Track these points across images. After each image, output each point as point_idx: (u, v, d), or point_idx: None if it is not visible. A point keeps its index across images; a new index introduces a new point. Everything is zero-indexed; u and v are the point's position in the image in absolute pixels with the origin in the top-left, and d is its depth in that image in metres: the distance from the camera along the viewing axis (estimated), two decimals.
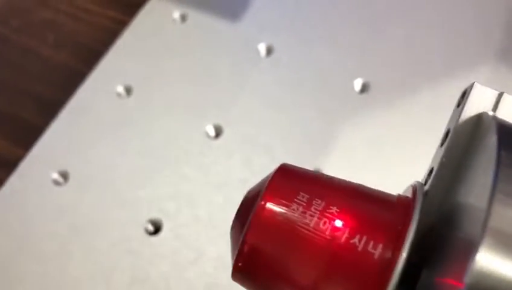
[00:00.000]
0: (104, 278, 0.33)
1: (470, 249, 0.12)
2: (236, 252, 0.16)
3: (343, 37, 0.43)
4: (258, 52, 0.42)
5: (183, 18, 0.44)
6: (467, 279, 0.12)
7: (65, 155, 0.38)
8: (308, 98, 0.40)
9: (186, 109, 0.39)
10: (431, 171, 0.18)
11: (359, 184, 0.17)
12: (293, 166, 0.18)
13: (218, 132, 0.38)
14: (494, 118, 0.15)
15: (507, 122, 0.15)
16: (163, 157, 0.37)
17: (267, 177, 0.17)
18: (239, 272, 0.16)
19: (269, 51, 0.42)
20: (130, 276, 0.33)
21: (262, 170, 0.32)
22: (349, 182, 0.17)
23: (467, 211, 0.14)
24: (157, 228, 0.35)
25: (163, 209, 0.35)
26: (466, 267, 0.12)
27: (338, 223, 0.15)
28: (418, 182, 0.17)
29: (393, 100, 0.40)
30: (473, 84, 0.17)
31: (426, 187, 0.18)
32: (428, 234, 0.17)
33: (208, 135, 0.38)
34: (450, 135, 0.17)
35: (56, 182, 0.37)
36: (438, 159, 0.18)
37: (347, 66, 0.41)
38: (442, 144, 0.18)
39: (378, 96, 0.40)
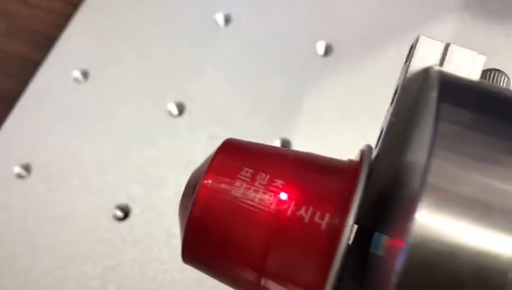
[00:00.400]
0: (77, 269, 0.32)
1: (411, 208, 0.12)
2: (183, 235, 0.15)
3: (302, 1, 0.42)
4: (216, 22, 0.41)
5: None
6: (409, 238, 0.11)
7: (26, 147, 0.37)
8: (272, 66, 0.39)
9: (147, 88, 0.38)
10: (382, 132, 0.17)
11: (308, 153, 0.17)
12: (237, 141, 0.17)
13: (181, 109, 0.37)
14: (439, 72, 0.14)
15: (452, 75, 0.15)
16: (127, 140, 0.36)
17: (211, 155, 0.16)
18: (188, 255, 0.16)
19: (227, 20, 0.41)
20: (102, 265, 0.32)
21: None
22: (297, 153, 0.17)
23: (410, 170, 0.14)
24: (126, 213, 0.34)
25: (130, 194, 0.34)
26: (407, 227, 0.11)
27: (283, 196, 0.15)
28: (368, 145, 0.17)
29: (358, 60, 0.39)
30: (418, 37, 0.16)
31: (377, 149, 0.17)
32: (380, 197, 0.17)
33: (170, 114, 0.37)
34: (398, 92, 0.17)
35: (19, 176, 0.36)
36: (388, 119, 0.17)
37: (308, 29, 0.40)
38: (392, 103, 0.17)
39: (343, 57, 0.39)
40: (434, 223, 0.11)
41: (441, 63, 0.16)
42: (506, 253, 0.11)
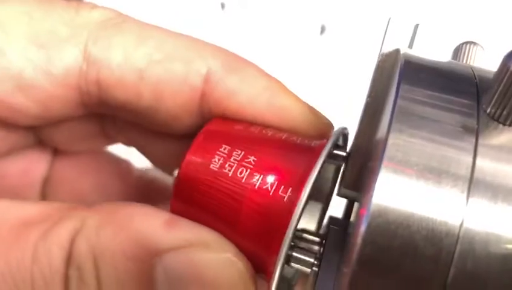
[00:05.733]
0: None
1: (372, 180, 0.13)
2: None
3: None
4: (213, 5, 0.42)
5: None
6: (369, 209, 0.12)
7: None
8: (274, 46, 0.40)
9: None
10: None
11: (285, 134, 0.18)
12: (222, 120, 0.19)
13: None
14: (404, 54, 0.15)
15: (415, 57, 0.16)
16: None
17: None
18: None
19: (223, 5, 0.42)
20: None
21: None
22: (274, 132, 0.18)
23: (377, 144, 0.15)
24: None
25: None
26: (368, 198, 0.13)
27: (253, 171, 0.16)
28: (341, 127, 0.18)
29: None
30: (389, 19, 0.17)
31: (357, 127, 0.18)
32: (361, 172, 0.18)
33: None
34: (373, 74, 0.18)
35: None
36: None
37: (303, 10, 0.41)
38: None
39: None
40: (390, 193, 0.12)
41: (411, 44, 0.17)
42: (454, 217, 0.12)
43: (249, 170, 0.17)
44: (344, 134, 0.19)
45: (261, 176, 0.16)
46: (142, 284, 0.16)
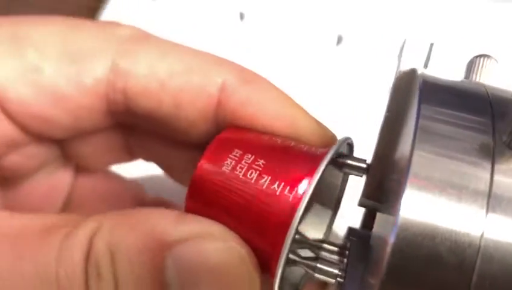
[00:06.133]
0: None
1: (399, 195, 0.14)
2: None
3: None
4: (231, 18, 0.43)
5: None
6: (396, 224, 0.13)
7: None
8: (288, 57, 0.41)
9: None
10: None
11: (293, 142, 0.20)
12: (235, 128, 0.21)
13: None
14: (421, 76, 0.17)
15: (432, 78, 0.17)
16: None
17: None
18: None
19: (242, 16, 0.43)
20: None
21: None
22: (283, 140, 0.20)
23: (400, 160, 0.16)
24: None
25: None
26: (396, 212, 0.14)
27: (262, 173, 0.18)
28: (344, 137, 0.20)
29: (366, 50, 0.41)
30: (404, 41, 0.18)
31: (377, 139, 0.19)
32: (381, 183, 0.19)
33: None
34: (390, 90, 0.19)
35: None
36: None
37: (319, 21, 0.42)
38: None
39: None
40: (416, 208, 0.13)
41: (426, 62, 0.18)
42: (475, 229, 0.13)
43: (258, 172, 0.18)
44: (348, 143, 0.20)
45: (269, 178, 0.18)
46: (154, 276, 0.17)
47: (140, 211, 0.19)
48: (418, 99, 0.15)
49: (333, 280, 0.19)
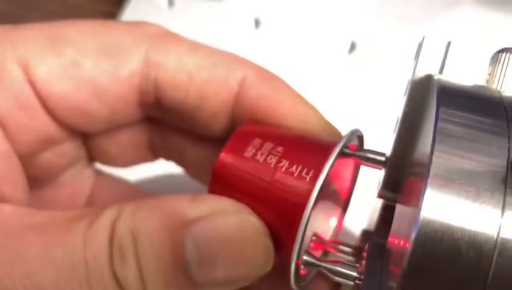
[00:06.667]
0: None
1: (420, 192, 0.15)
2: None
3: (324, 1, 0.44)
4: (246, 26, 0.44)
5: (171, 3, 0.46)
6: (418, 220, 0.14)
7: None
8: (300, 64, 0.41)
9: None
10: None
11: (306, 132, 0.22)
12: (254, 122, 0.23)
13: None
14: (437, 81, 0.18)
15: (448, 83, 0.18)
16: None
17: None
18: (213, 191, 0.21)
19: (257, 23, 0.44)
20: None
21: None
22: (299, 130, 0.22)
23: (420, 158, 0.17)
24: None
25: None
26: (418, 209, 0.14)
27: (281, 158, 0.20)
28: (353, 129, 0.21)
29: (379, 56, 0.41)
30: (423, 38, 0.19)
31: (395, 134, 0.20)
32: (400, 176, 0.20)
33: None
34: (408, 87, 0.20)
35: None
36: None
37: (333, 28, 0.43)
38: (405, 94, 0.20)
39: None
40: (437, 205, 0.14)
41: (443, 61, 0.19)
42: (492, 225, 0.14)
43: (277, 157, 0.20)
44: (358, 135, 0.22)
45: (287, 162, 0.20)
46: (175, 254, 0.18)
47: (156, 197, 0.20)
48: (436, 103, 0.16)
49: (352, 283, 0.20)
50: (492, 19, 0.41)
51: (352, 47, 0.42)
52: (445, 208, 0.14)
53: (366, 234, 0.23)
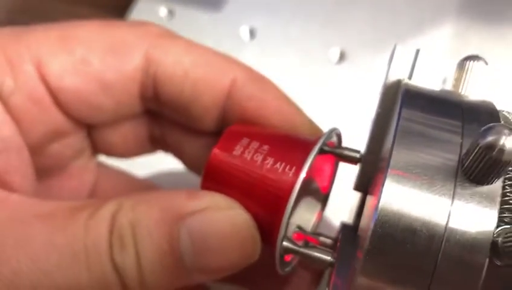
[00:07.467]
0: None
1: (381, 182, 0.17)
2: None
3: (316, 12, 0.47)
4: (242, 37, 0.46)
5: (171, 14, 0.48)
6: (379, 204, 0.16)
7: None
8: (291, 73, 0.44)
9: None
10: None
11: (290, 131, 0.25)
12: (242, 124, 0.25)
13: None
14: (404, 85, 0.20)
15: (414, 87, 0.20)
16: None
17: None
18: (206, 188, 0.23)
19: (252, 34, 0.46)
20: None
21: None
22: (284, 131, 0.24)
23: (384, 154, 0.19)
24: None
25: None
26: (378, 196, 0.17)
27: (267, 156, 0.22)
28: (331, 129, 0.23)
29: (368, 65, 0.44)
30: (395, 47, 0.21)
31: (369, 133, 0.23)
32: (373, 169, 0.22)
33: None
34: (381, 89, 0.22)
35: None
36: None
37: (322, 37, 0.45)
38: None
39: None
40: (395, 192, 0.17)
41: (412, 67, 0.21)
42: (443, 211, 0.16)
43: (263, 155, 0.22)
44: (337, 133, 0.24)
45: (272, 159, 0.22)
46: (171, 244, 0.20)
47: (155, 192, 0.22)
48: (400, 104, 0.18)
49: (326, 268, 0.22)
50: (473, 30, 0.43)
51: (342, 56, 0.44)
52: (403, 194, 0.16)
53: (344, 226, 0.25)
